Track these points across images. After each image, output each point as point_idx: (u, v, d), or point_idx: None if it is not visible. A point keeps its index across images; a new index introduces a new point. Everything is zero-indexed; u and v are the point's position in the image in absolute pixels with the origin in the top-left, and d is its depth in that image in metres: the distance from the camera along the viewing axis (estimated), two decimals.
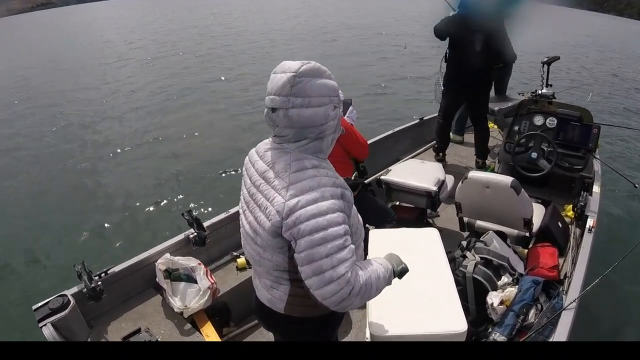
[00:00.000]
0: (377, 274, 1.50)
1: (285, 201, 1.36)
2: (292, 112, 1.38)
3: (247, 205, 1.57)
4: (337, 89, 1.48)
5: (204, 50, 18.36)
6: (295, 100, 1.37)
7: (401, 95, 11.30)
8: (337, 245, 1.35)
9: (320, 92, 1.41)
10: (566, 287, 2.75)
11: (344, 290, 1.36)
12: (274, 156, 1.47)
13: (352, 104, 3.35)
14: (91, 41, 23.90)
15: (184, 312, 2.69)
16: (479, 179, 3.18)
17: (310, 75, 1.39)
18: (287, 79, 1.37)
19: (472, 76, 4.48)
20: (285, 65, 1.42)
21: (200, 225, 3.11)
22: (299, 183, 1.38)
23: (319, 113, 1.41)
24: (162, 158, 7.71)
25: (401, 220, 3.42)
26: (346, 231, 1.40)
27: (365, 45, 18.69)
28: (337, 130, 1.53)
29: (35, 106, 11.37)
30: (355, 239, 1.54)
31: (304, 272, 1.38)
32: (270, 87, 1.42)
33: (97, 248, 5.12)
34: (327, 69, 1.47)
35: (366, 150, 3.13)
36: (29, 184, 6.91)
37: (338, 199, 1.41)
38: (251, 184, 1.54)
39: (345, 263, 1.36)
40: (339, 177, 1.49)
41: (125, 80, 13.70)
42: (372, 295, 1.48)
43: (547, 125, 4.20)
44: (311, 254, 1.34)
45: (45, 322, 2.30)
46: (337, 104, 1.48)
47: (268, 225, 1.41)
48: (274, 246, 1.45)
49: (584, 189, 3.64)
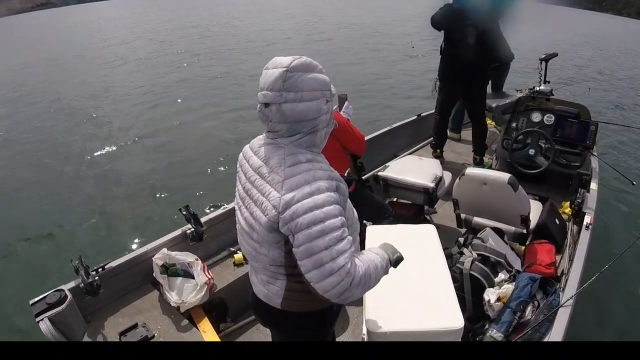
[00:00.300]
0: (374, 264, 1.50)
1: (281, 195, 1.37)
2: (285, 107, 1.39)
3: (242, 201, 1.57)
4: (329, 83, 1.49)
5: (202, 48, 18.34)
6: (287, 95, 1.38)
7: (397, 91, 11.29)
8: (335, 237, 1.36)
9: (312, 86, 1.41)
10: (563, 284, 2.75)
11: (345, 281, 1.36)
12: (268, 151, 1.48)
13: (347, 99, 3.34)
14: (90, 40, 23.82)
15: (181, 307, 2.68)
16: (477, 176, 3.18)
17: (302, 69, 1.40)
18: (279, 74, 1.38)
19: (465, 69, 4.46)
20: (277, 61, 1.42)
21: (198, 221, 3.10)
22: (294, 177, 1.38)
23: (311, 107, 1.42)
24: (159, 153, 7.71)
25: (398, 217, 3.42)
26: (343, 223, 1.40)
27: (363, 43, 18.68)
28: (330, 124, 1.54)
29: (33, 103, 11.39)
30: (350, 232, 1.53)
31: (304, 266, 1.38)
32: (262, 83, 1.43)
33: (95, 243, 5.11)
34: (319, 63, 1.47)
35: (363, 145, 3.11)
36: (24, 178, 6.91)
37: (334, 192, 1.41)
38: (246, 180, 1.54)
39: (344, 254, 1.36)
40: (333, 170, 1.50)
41: (124, 77, 13.69)
42: (371, 285, 1.49)
43: (545, 122, 4.21)
44: (310, 247, 1.35)
45: (42, 317, 2.29)
46: (329, 97, 1.49)
47: (264, 220, 1.41)
48: (270, 241, 1.45)
49: (582, 186, 3.65)
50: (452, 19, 4.37)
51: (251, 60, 15.00)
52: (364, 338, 2.09)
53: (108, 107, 10.60)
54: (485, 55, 4.42)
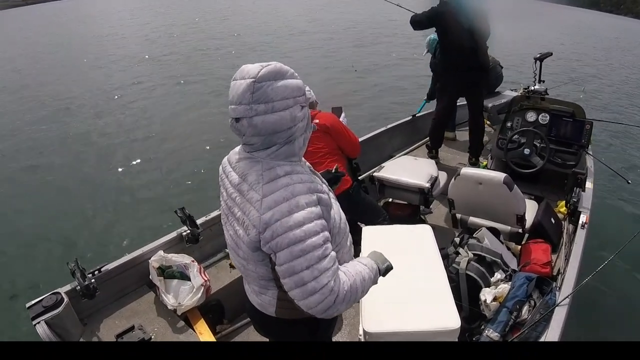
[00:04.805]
0: (361, 277, 1.47)
1: (260, 215, 1.32)
2: (257, 120, 1.32)
3: (226, 218, 1.53)
4: (302, 88, 1.41)
5: (202, 48, 18.25)
6: (257, 107, 1.31)
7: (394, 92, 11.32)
8: (316, 255, 1.32)
9: (283, 94, 1.34)
10: (559, 283, 2.76)
11: (328, 299, 1.34)
12: (245, 167, 1.43)
13: (342, 111, 3.40)
14: (90, 35, 23.69)
15: (177, 309, 2.68)
16: (472, 176, 3.19)
17: (271, 78, 1.33)
18: (247, 85, 1.31)
19: (467, 71, 4.44)
20: (244, 71, 1.36)
21: (194, 223, 3.10)
22: (272, 195, 1.33)
23: (284, 117, 1.35)
24: (155, 155, 7.68)
25: (394, 217, 3.43)
26: (326, 239, 1.37)
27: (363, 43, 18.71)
28: (308, 129, 1.48)
29: (31, 100, 11.31)
30: (338, 239, 1.53)
31: (287, 285, 1.36)
32: (231, 96, 1.36)
33: (91, 245, 5.10)
34: (290, 67, 1.40)
35: (358, 149, 3.18)
36: (19, 180, 6.87)
37: (315, 206, 1.37)
38: (227, 197, 1.50)
39: (326, 273, 1.34)
40: (314, 180, 1.45)
41: (122, 76, 13.60)
42: (358, 297, 1.47)
43: (540, 121, 4.22)
44: (291, 266, 1.32)
45: (39, 320, 2.29)
46: (304, 103, 1.42)
47: (247, 239, 1.38)
48: (255, 259, 1.43)
49: (577, 185, 3.66)
50: (442, 14, 4.31)
51: (252, 60, 14.91)
52: (360, 339, 2.09)
53: (103, 107, 10.55)
54: (484, 55, 4.43)
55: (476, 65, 4.41)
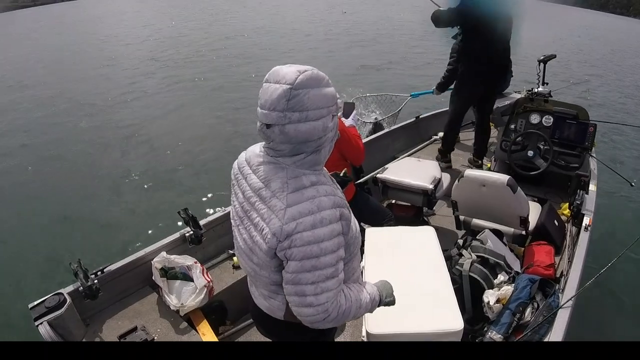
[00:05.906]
0: (359, 304, 1.48)
1: (282, 224, 1.29)
2: (289, 128, 1.27)
3: (240, 221, 1.50)
4: (335, 96, 1.36)
5: (203, 48, 18.28)
6: (292, 115, 1.26)
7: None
8: (325, 274, 1.33)
9: (318, 103, 1.29)
10: (562, 285, 2.75)
11: (319, 316, 1.36)
12: (269, 172, 1.37)
13: (355, 108, 3.32)
14: (90, 36, 23.74)
15: (180, 310, 2.68)
16: (475, 177, 3.18)
17: (308, 85, 1.27)
18: (283, 91, 1.25)
19: (496, 70, 4.34)
20: (279, 74, 1.29)
21: (197, 224, 3.10)
22: (297, 206, 1.30)
23: (317, 127, 1.30)
24: (158, 156, 7.70)
25: (397, 219, 3.42)
26: (339, 259, 1.36)
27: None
28: (334, 138, 1.44)
29: (31, 99, 11.36)
30: (353, 249, 1.52)
31: (287, 290, 1.37)
32: (263, 100, 1.30)
33: (94, 246, 5.10)
34: (325, 74, 1.34)
35: (362, 156, 3.05)
36: (21, 179, 6.91)
37: (337, 222, 1.35)
38: (244, 199, 1.45)
39: (328, 293, 1.34)
40: (336, 192, 1.41)
41: (125, 76, 13.64)
42: (347, 320, 1.49)
43: (544, 123, 4.21)
44: (298, 277, 1.32)
45: (41, 321, 2.30)
46: (335, 112, 1.37)
47: (265, 247, 1.35)
48: (271, 266, 1.41)
49: (580, 187, 3.65)
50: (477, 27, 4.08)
51: (253, 63, 14.97)
52: (363, 340, 2.09)
53: (105, 106, 10.59)
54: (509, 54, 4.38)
55: (503, 77, 4.39)
